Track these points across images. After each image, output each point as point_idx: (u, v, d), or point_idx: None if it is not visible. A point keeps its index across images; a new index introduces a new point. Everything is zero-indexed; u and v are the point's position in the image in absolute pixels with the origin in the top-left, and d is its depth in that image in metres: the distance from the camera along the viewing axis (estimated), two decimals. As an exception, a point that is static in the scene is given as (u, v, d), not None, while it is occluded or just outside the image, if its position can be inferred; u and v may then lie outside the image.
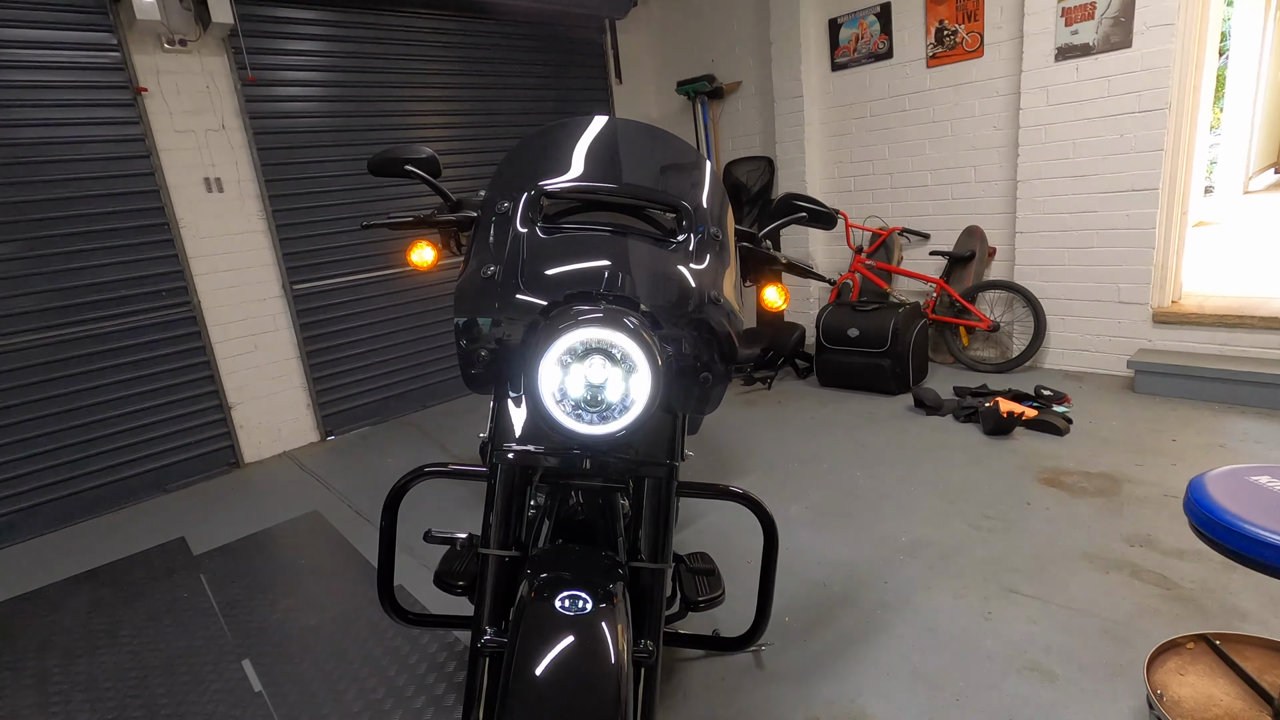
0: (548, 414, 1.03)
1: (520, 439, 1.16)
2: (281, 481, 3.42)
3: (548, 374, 1.03)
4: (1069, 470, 2.60)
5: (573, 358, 1.04)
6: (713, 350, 1.17)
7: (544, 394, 1.03)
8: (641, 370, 1.04)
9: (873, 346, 3.68)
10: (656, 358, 1.05)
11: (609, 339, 1.04)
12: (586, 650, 0.98)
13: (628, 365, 1.05)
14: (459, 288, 1.18)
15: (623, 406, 1.06)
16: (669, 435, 1.22)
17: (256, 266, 3.66)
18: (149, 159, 3.26)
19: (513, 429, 1.19)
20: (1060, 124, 3.48)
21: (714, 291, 1.20)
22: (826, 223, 1.52)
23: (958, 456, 2.82)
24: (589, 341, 1.04)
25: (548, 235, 1.19)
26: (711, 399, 1.22)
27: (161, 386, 3.41)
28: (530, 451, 1.15)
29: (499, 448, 1.16)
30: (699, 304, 1.17)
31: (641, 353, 1.03)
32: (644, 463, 1.17)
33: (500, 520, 1.15)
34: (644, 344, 1.03)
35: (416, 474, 1.34)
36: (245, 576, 2.51)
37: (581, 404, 1.06)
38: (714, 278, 1.22)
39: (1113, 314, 3.52)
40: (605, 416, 1.07)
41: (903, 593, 1.98)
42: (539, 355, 1.02)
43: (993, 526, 2.28)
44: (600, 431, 1.05)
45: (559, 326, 1.05)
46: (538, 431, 1.17)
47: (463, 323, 1.15)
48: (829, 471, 2.82)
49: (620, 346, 1.04)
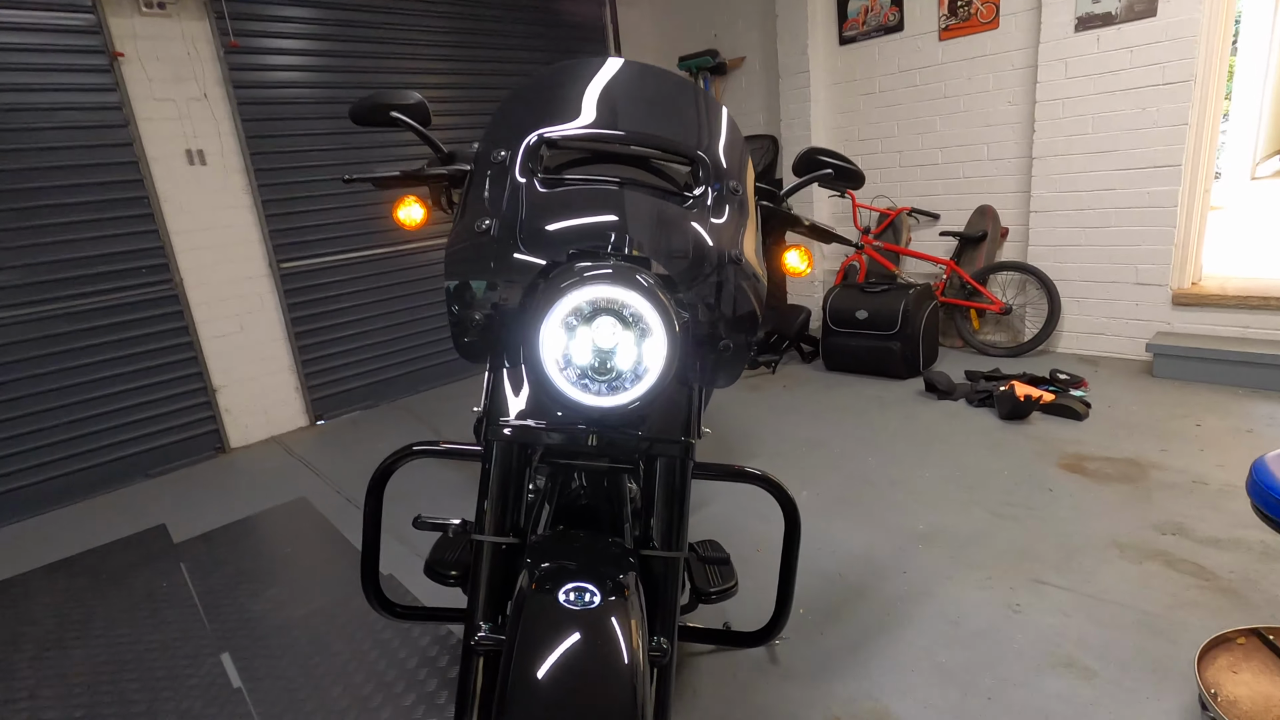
0: (550, 383, 0.91)
1: (518, 414, 1.04)
2: (268, 467, 3.29)
3: (551, 338, 0.91)
4: (1091, 456, 2.49)
5: (579, 320, 0.92)
6: (734, 316, 1.05)
7: (546, 361, 0.90)
8: (656, 334, 0.91)
9: (882, 329, 3.56)
10: (673, 320, 0.92)
11: (620, 297, 0.91)
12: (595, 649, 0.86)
13: (640, 329, 0.92)
14: (450, 247, 1.06)
15: (635, 375, 0.93)
16: (684, 411, 1.09)
17: (241, 243, 3.51)
18: (127, 129, 3.10)
19: (509, 404, 1.06)
20: (1079, 98, 3.35)
21: (735, 251, 1.08)
22: (854, 181, 1.39)
23: (974, 442, 2.71)
24: (597, 301, 0.91)
25: (549, 189, 1.06)
26: (731, 370, 1.10)
27: (143, 368, 3.27)
28: (529, 427, 1.02)
29: (494, 423, 1.03)
30: (718, 265, 1.04)
31: (656, 314, 0.91)
32: (657, 440, 1.04)
33: (496, 503, 1.03)
34: (659, 304, 0.91)
35: (404, 453, 1.21)
36: (227, 565, 2.38)
37: (588, 372, 0.93)
38: (734, 236, 1.10)
39: (1131, 296, 3.40)
40: (615, 387, 0.95)
41: (923, 583, 1.87)
42: (541, 317, 0.90)
43: (1015, 514, 2.16)
44: (610, 403, 0.93)
45: (563, 285, 0.92)
46: (538, 405, 1.04)
47: (454, 286, 1.03)
48: (839, 457, 2.71)
49: (633, 307, 0.91)
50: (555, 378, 0.91)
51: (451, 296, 1.03)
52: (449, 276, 1.04)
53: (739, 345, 1.07)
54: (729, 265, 1.06)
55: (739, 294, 1.06)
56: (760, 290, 1.09)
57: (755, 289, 1.08)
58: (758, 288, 1.09)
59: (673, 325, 0.92)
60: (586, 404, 0.93)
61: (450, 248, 1.06)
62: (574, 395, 0.92)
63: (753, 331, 1.09)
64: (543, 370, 0.91)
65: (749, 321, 1.08)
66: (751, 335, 1.09)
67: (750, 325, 1.08)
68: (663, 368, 0.92)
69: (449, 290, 1.04)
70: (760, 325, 1.08)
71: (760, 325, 1.08)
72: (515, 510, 1.07)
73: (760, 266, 1.13)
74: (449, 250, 1.06)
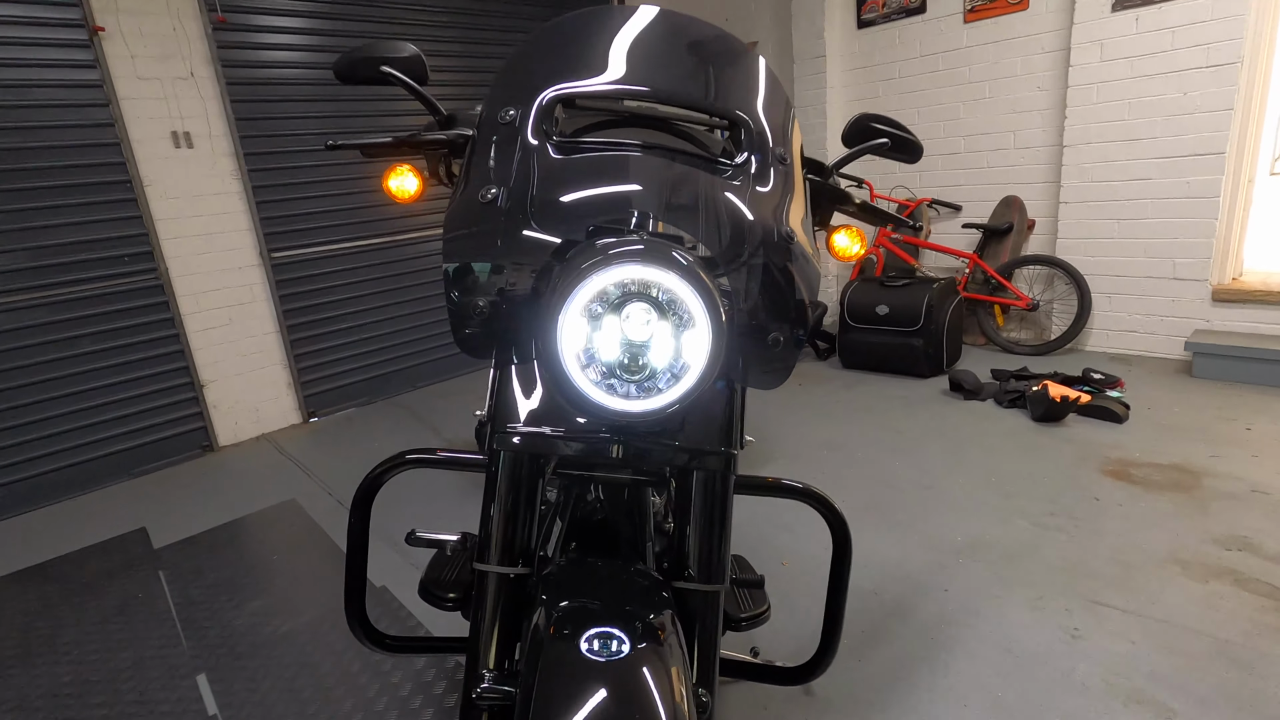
0: (570, 384, 0.74)
1: (528, 419, 0.87)
2: (257, 467, 3.12)
3: (571, 330, 0.74)
4: (1136, 461, 2.32)
5: (605, 307, 0.75)
6: (784, 303, 0.88)
7: (565, 356, 0.74)
8: (699, 324, 0.75)
9: (904, 325, 3.38)
10: (719, 306, 0.75)
11: (656, 280, 0.74)
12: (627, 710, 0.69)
13: (679, 318, 0.76)
14: (448, 223, 0.89)
15: (671, 375, 0.76)
16: (723, 415, 0.92)
17: (231, 231, 3.34)
18: (108, 108, 2.93)
19: (518, 406, 0.89)
20: (1115, 82, 3.17)
21: (784, 228, 0.91)
22: (912, 153, 1.22)
23: (1007, 445, 2.54)
24: (628, 284, 0.74)
25: (565, 154, 0.90)
26: (780, 368, 0.93)
27: (125, 362, 3.10)
28: (544, 435, 0.86)
29: (501, 430, 0.87)
30: (764, 243, 0.88)
31: (699, 299, 0.74)
32: (696, 451, 0.88)
33: (503, 525, 0.87)
34: (702, 287, 0.74)
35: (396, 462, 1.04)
36: (209, 573, 2.22)
37: (616, 370, 0.76)
38: (782, 210, 0.93)
39: (1167, 291, 3.23)
40: (646, 388, 0.78)
41: (968, 603, 1.70)
42: (559, 304, 0.73)
43: (1060, 525, 2.00)
44: (641, 407, 0.77)
45: (584, 265, 0.75)
46: (551, 408, 0.88)
47: (454, 269, 0.86)
48: (863, 461, 2.54)
49: (671, 291, 0.75)
50: (576, 377, 0.74)
51: (451, 281, 0.86)
52: (448, 257, 0.88)
53: (789, 338, 0.91)
54: (778, 244, 0.89)
55: (789, 278, 0.90)
56: (813, 274, 0.93)
57: (807, 272, 0.92)
58: (809, 270, 0.92)
59: (719, 313, 0.76)
60: (614, 408, 0.77)
61: (449, 224, 0.90)
62: (598, 398, 0.75)
63: (805, 322, 0.92)
64: (561, 368, 0.74)
65: (801, 310, 0.92)
66: (804, 326, 0.92)
67: (802, 314, 0.92)
68: (706, 365, 0.76)
69: (448, 274, 0.88)
70: (811, 317, 0.91)
71: (811, 317, 0.91)
72: (525, 532, 0.90)
73: (812, 246, 0.97)
74: (447, 227, 0.89)
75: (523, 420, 0.88)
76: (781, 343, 0.91)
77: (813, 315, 0.94)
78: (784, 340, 0.91)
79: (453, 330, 0.89)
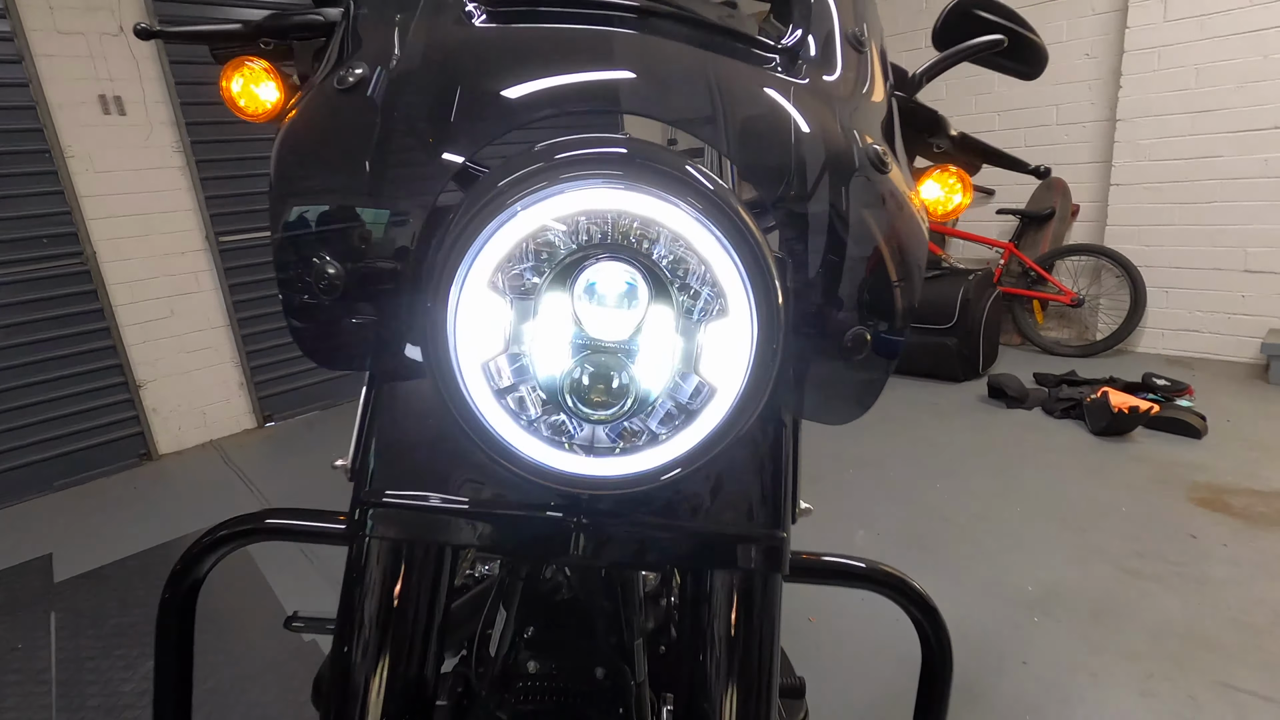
0: (478, 422, 0.34)
1: (419, 478, 0.49)
2: (198, 480, 2.74)
3: (477, 315, 0.33)
4: (1230, 488, 1.93)
5: (546, 272, 0.33)
6: (873, 280, 0.52)
7: (464, 368, 0.34)
8: (735, 309, 0.37)
9: (935, 322, 2.99)
10: (772, 273, 0.34)
11: (650, 214, 0.34)
12: None
13: (692, 296, 0.34)
14: (284, 135, 0.53)
15: (677, 408, 0.35)
16: (769, 471, 0.53)
17: (172, 212, 2.94)
18: (20, 65, 2.54)
19: (402, 455, 0.50)
20: (1180, 45, 2.78)
21: (870, 148, 0.52)
22: (1032, 61, 0.84)
23: (1068, 464, 2.15)
24: (595, 219, 0.33)
25: (498, 24, 0.48)
26: (863, 388, 0.54)
27: (46, 359, 2.72)
28: (444, 510, 0.47)
29: (370, 497, 0.48)
30: (835, 174, 0.52)
31: (736, 260, 0.33)
32: (719, 538, 0.49)
33: (378, 635, 0.49)
34: (739, 237, 0.32)
35: (229, 536, 0.66)
36: (109, 618, 1.83)
37: (566, 398, 0.35)
38: (861, 123, 0.54)
39: (1237, 285, 2.84)
40: (627, 433, 0.37)
41: (1055, 683, 1.31)
42: (456, 263, 0.35)
43: (1154, 571, 1.61)
44: (618, 471, 0.36)
45: (507, 186, 0.34)
46: (463, 460, 0.49)
47: (295, 215, 0.50)
48: (897, 481, 2.15)
49: (682, 240, 0.34)
50: (487, 409, 0.36)
51: (281, 234, 0.49)
52: (276, 191, 0.50)
53: (879, 338, 0.52)
54: (858, 175, 0.51)
55: (878, 232, 0.51)
56: (916, 229, 0.55)
57: (908, 225, 0.54)
58: (911, 223, 0.54)
59: (772, 288, 0.39)
60: (563, 471, 0.43)
61: (285, 137, 0.51)
62: (533, 452, 0.37)
63: (910, 311, 0.54)
64: (458, 389, 0.40)
65: (901, 289, 0.53)
66: (903, 317, 0.53)
67: (902, 297, 0.53)
68: (746, 389, 0.42)
69: (276, 220, 0.49)
70: (916, 302, 0.52)
71: (916, 302, 0.52)
72: (423, 650, 0.52)
73: (908, 185, 0.59)
74: (281, 142, 0.51)
75: (408, 482, 0.49)
76: (867, 345, 0.52)
77: (917, 299, 0.56)
78: (870, 341, 0.52)
79: (287, 319, 0.51)
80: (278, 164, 0.50)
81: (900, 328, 0.54)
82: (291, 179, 0.50)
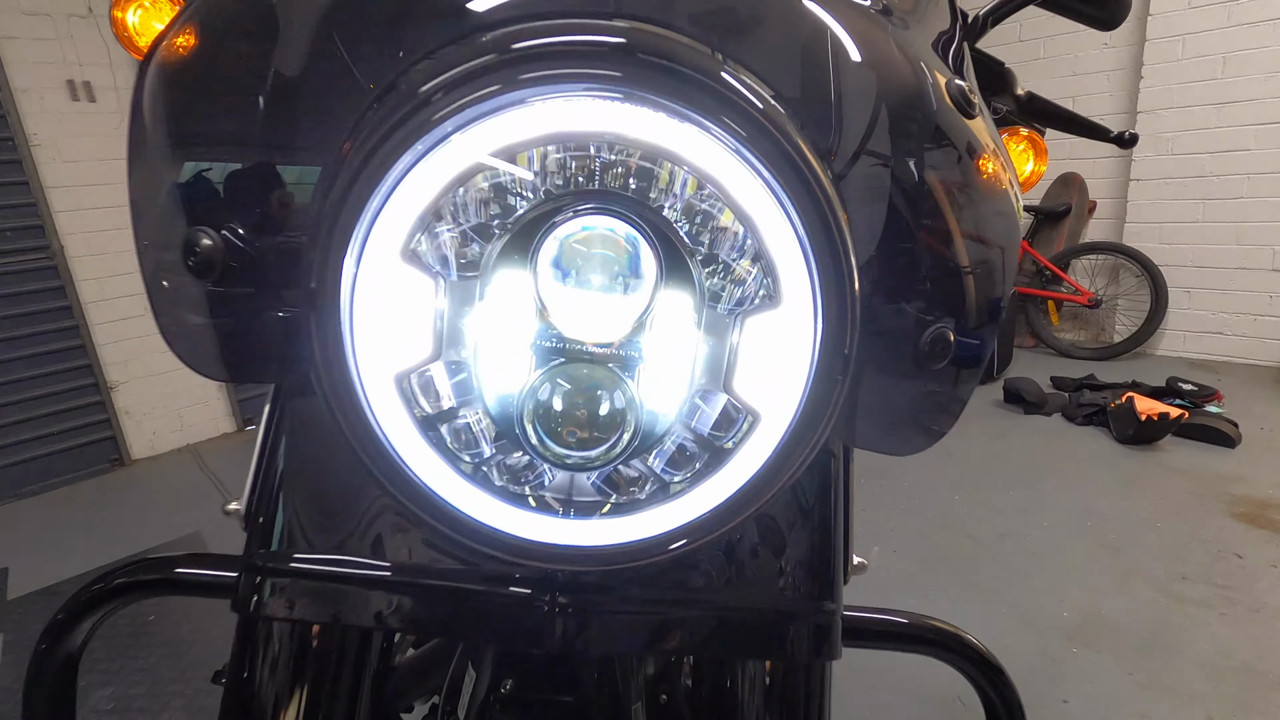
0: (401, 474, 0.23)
1: (341, 528, 0.33)
2: (170, 487, 2.60)
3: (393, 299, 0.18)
4: (1273, 501, 1.80)
5: (508, 231, 0.17)
6: (961, 262, 0.37)
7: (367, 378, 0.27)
8: (789, 290, 0.26)
9: (947, 323, 2.86)
10: (845, 240, 0.17)
11: (659, 143, 0.17)
12: None
13: (722, 275, 0.17)
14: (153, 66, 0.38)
15: (699, 445, 0.19)
16: (815, 521, 0.38)
17: (145, 204, 2.78)
18: (-19, 47, 2.38)
19: (320, 495, 0.35)
20: (1206, 33, 2.65)
21: (959, 82, 0.35)
22: (1111, 10, 0.70)
23: (1095, 475, 2.02)
24: (574, 151, 0.17)
25: None
26: (944, 408, 0.38)
27: (13, 359, 2.58)
28: (363, 583, 0.32)
29: (269, 559, 0.32)
30: (912, 117, 0.36)
31: (795, 215, 0.16)
32: (761, 617, 0.34)
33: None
34: (800, 178, 0.16)
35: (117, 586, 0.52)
36: (59, 643, 1.67)
37: (533, 427, 0.18)
38: (936, 57, 0.38)
39: (1264, 285, 2.71)
40: (621, 482, 0.20)
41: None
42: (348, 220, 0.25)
43: (1201, 596, 1.47)
44: (609, 540, 0.29)
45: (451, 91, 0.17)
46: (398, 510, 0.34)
47: (161, 169, 0.39)
48: (912, 493, 2.01)
49: (713, 183, 0.17)
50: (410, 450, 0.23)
51: (144, 204, 0.39)
52: (138, 143, 0.39)
53: (965, 341, 0.37)
54: (943, 121, 0.34)
55: (969, 196, 0.35)
56: (1011, 195, 0.40)
57: (1000, 189, 0.38)
58: (1004, 187, 0.39)
59: (847, 269, 0.25)
60: (527, 541, 0.30)
61: (154, 62, 0.35)
62: (479, 515, 0.29)
63: (1000, 305, 0.38)
64: (361, 421, 0.27)
65: (999, 271, 0.37)
66: (998, 315, 0.38)
67: (1002, 283, 0.38)
68: (802, 414, 0.29)
69: (140, 187, 0.40)
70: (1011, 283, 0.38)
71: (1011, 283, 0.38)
72: None
73: (998, 136, 0.44)
74: (150, 69, 0.35)
75: (321, 539, 0.35)
76: (950, 350, 0.38)
77: (1011, 287, 0.42)
78: (951, 345, 0.38)
79: (154, 313, 0.37)
80: (140, 102, 0.37)
81: (991, 327, 0.40)
82: (158, 120, 0.36)
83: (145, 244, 0.38)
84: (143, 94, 0.37)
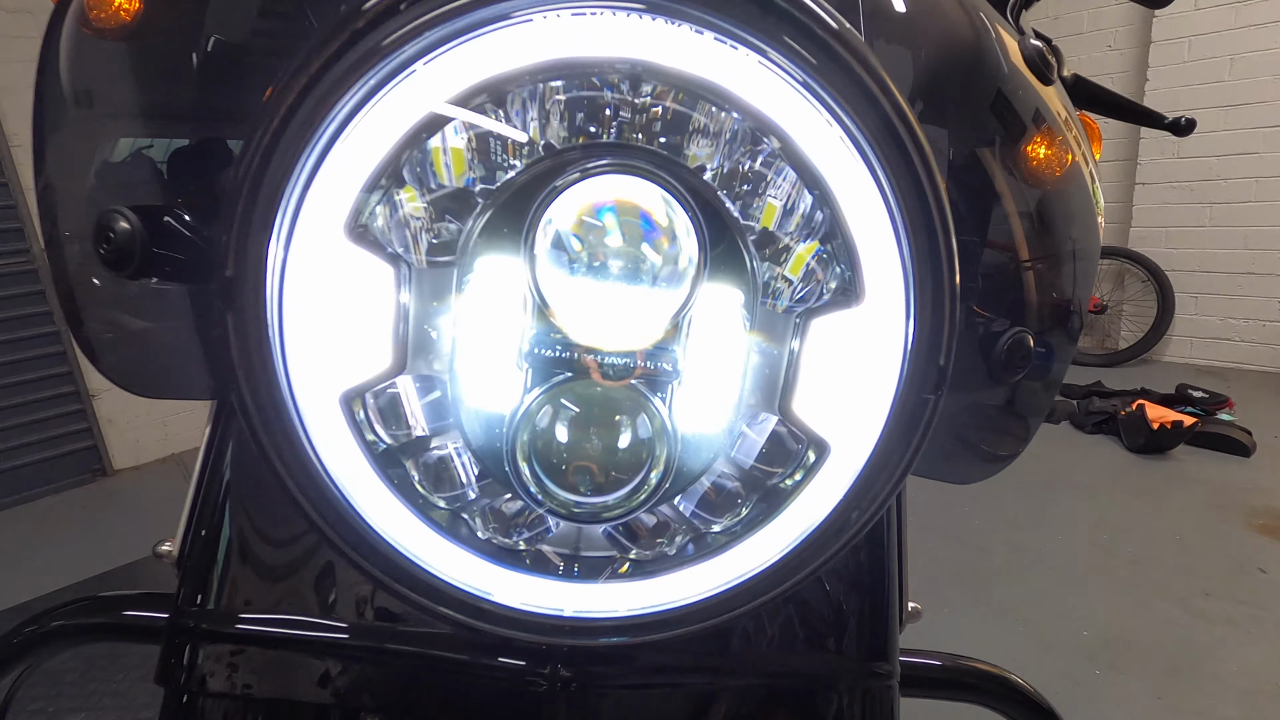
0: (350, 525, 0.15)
1: (291, 583, 0.26)
2: (156, 497, 2.52)
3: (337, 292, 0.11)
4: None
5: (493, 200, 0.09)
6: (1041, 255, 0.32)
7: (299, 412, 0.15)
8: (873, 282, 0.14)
9: (951, 329, 2.80)
10: (946, 218, 0.08)
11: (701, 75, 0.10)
12: None
13: (788, 256, 0.10)
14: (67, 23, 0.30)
15: (747, 481, 0.11)
16: (868, 566, 0.30)
17: (130, 206, 2.71)
18: (-42, 44, 2.31)
19: (266, 541, 0.27)
20: (1213, 34, 2.61)
21: (1036, 43, 0.28)
22: None
23: (1107, 485, 1.96)
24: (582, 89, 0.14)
25: None
26: (1013, 431, 0.30)
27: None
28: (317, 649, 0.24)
29: (202, 619, 0.25)
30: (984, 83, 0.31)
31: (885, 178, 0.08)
32: (806, 682, 0.26)
33: None
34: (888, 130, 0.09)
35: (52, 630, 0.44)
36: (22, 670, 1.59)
37: (538, 478, 0.09)
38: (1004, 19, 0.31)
39: (1273, 291, 2.68)
40: (645, 532, 0.11)
41: (1134, 756, 1.11)
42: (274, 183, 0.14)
43: (1227, 613, 1.41)
44: (626, 610, 0.19)
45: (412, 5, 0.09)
46: None
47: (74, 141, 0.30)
48: (921, 505, 1.94)
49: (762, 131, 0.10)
50: (363, 494, 0.15)
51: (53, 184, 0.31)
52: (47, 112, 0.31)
53: (1045, 350, 0.29)
54: (1018, 87, 0.30)
55: (1048, 178, 0.30)
56: (1087, 178, 0.32)
57: (1079, 172, 0.31)
58: (1082, 169, 0.32)
59: (949, 256, 0.18)
60: (518, 610, 0.21)
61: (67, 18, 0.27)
62: (455, 576, 0.21)
63: (1083, 309, 0.31)
64: (300, 455, 0.19)
65: (1082, 270, 0.30)
66: (1081, 320, 0.31)
67: (1083, 284, 0.31)
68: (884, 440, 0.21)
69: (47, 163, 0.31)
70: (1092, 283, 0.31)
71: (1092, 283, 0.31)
72: None
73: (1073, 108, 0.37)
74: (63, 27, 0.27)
75: (266, 596, 0.28)
76: (1030, 358, 0.30)
77: (1091, 288, 0.36)
78: (1031, 352, 0.30)
79: (66, 315, 0.29)
80: (52, 58, 0.30)
81: (1069, 335, 0.34)
82: (74, 79, 0.30)
83: (66, 234, 0.31)
84: (57, 49, 0.31)
